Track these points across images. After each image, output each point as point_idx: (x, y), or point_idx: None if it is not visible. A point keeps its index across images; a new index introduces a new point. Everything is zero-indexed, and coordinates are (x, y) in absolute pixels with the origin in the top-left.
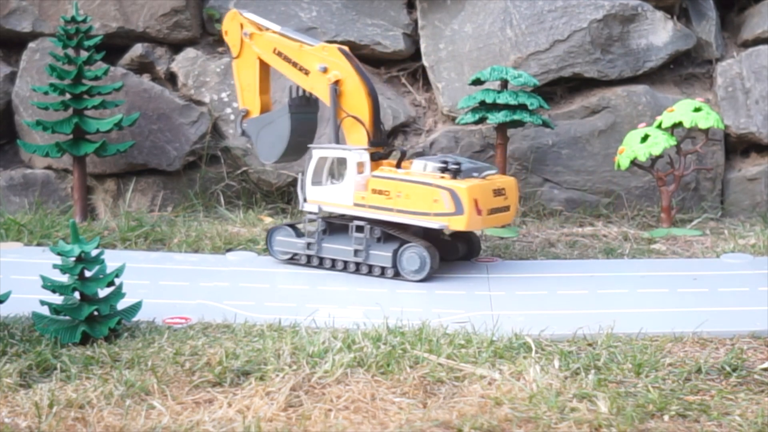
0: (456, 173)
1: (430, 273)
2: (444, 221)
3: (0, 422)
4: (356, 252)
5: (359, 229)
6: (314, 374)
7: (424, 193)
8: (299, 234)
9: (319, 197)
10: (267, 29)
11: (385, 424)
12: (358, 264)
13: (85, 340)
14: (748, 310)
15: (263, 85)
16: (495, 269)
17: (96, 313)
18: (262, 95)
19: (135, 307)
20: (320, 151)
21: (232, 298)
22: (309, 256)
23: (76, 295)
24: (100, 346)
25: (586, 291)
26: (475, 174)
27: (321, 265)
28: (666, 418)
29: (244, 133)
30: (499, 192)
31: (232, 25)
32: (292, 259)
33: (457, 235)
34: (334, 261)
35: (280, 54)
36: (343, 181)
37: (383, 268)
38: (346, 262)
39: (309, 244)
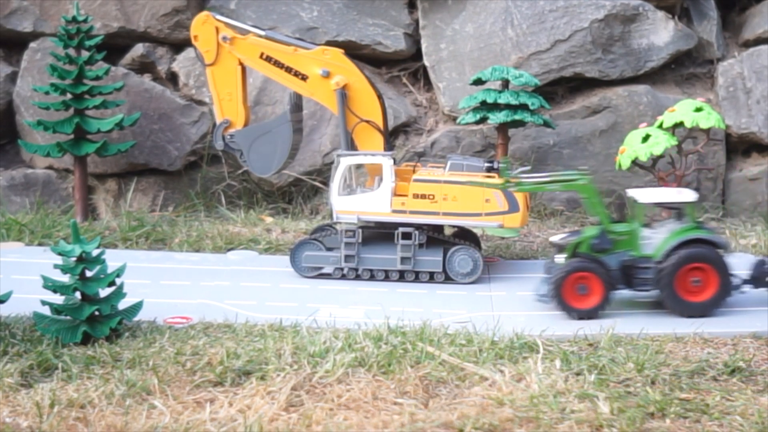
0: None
1: (480, 274)
2: (498, 220)
3: (1, 422)
4: (403, 259)
5: (406, 236)
6: (315, 374)
7: (474, 193)
8: (328, 247)
9: (354, 206)
10: (248, 33)
11: (386, 423)
12: (402, 272)
13: (86, 339)
14: (750, 310)
15: (244, 93)
16: (496, 269)
17: (97, 312)
18: (244, 104)
19: (136, 307)
20: (348, 159)
21: (233, 297)
22: (344, 269)
23: (77, 295)
24: (101, 346)
25: None
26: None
27: (358, 277)
28: (667, 419)
29: (226, 146)
30: None
31: (204, 30)
32: (321, 274)
33: (457, 235)
34: (372, 271)
35: (269, 59)
36: (380, 188)
37: (432, 273)
38: (386, 271)
39: (348, 257)
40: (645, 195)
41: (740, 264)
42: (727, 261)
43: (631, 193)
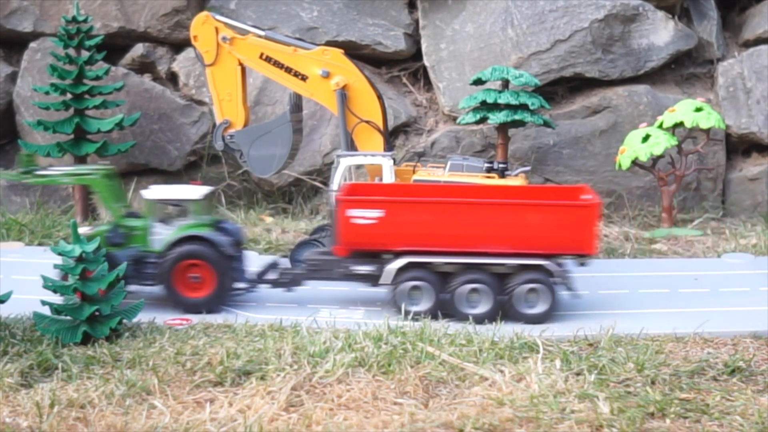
0: (503, 172)
1: None
2: None
3: (1, 422)
4: None
5: None
6: (315, 374)
7: None
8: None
9: None
10: (248, 33)
11: (386, 423)
12: None
13: (87, 339)
14: (750, 310)
15: (244, 93)
16: None
17: (97, 312)
18: (244, 104)
19: (136, 307)
20: (348, 159)
21: (232, 297)
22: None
23: (77, 295)
24: (101, 346)
25: (587, 291)
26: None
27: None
28: (667, 419)
29: (226, 147)
30: None
31: (204, 30)
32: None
33: None
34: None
35: (269, 59)
36: None
37: None
38: None
39: None
40: (152, 191)
41: (258, 263)
42: (227, 259)
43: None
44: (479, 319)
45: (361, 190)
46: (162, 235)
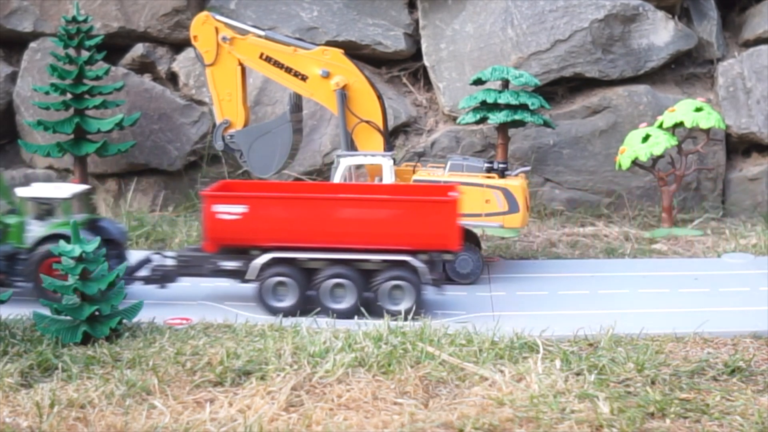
0: (503, 172)
1: (479, 275)
2: (498, 220)
3: (1, 422)
4: None
5: None
6: (315, 374)
7: (474, 194)
8: None
9: None
10: (248, 33)
11: (386, 423)
12: None
13: (86, 339)
14: (750, 310)
15: (244, 93)
16: (496, 269)
17: (97, 312)
18: (244, 104)
19: (136, 307)
20: (348, 159)
21: (232, 298)
22: None
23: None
24: (101, 346)
25: (587, 291)
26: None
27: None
28: (667, 419)
29: (226, 147)
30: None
31: (204, 30)
32: None
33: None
34: None
35: (269, 59)
36: None
37: None
38: None
39: None
40: (25, 189)
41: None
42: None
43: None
44: (343, 315)
45: (229, 187)
46: (35, 232)
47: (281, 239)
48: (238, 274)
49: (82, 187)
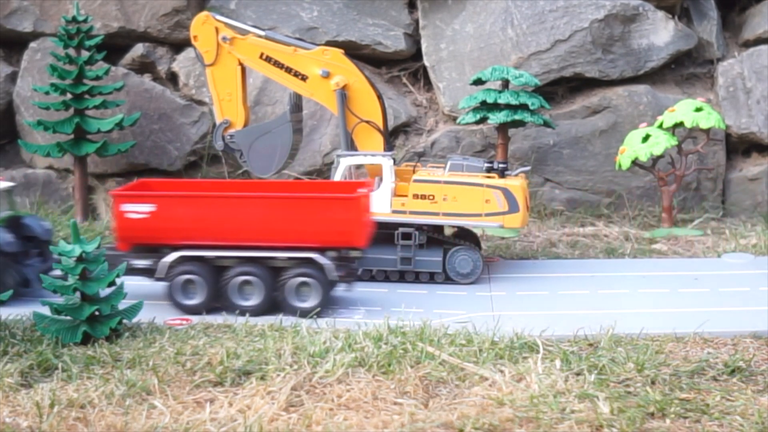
0: (503, 172)
1: (479, 275)
2: (498, 220)
3: (1, 422)
4: (403, 260)
5: (406, 236)
6: (315, 374)
7: (474, 194)
8: None
9: None
10: (248, 33)
11: (386, 423)
12: (402, 272)
13: (86, 339)
14: (750, 310)
15: (244, 93)
16: (496, 269)
17: (97, 312)
18: (244, 104)
19: (136, 307)
20: (348, 159)
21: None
22: None
23: (77, 295)
24: (101, 346)
25: (587, 291)
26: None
27: (358, 278)
28: (667, 419)
29: (226, 147)
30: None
31: (204, 30)
32: None
33: (457, 235)
34: (372, 272)
35: (269, 59)
36: (379, 189)
37: (432, 274)
38: (386, 272)
39: None
40: None
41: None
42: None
43: None
44: (251, 312)
45: (146, 186)
46: None
47: (189, 237)
48: (149, 273)
49: (4, 185)
